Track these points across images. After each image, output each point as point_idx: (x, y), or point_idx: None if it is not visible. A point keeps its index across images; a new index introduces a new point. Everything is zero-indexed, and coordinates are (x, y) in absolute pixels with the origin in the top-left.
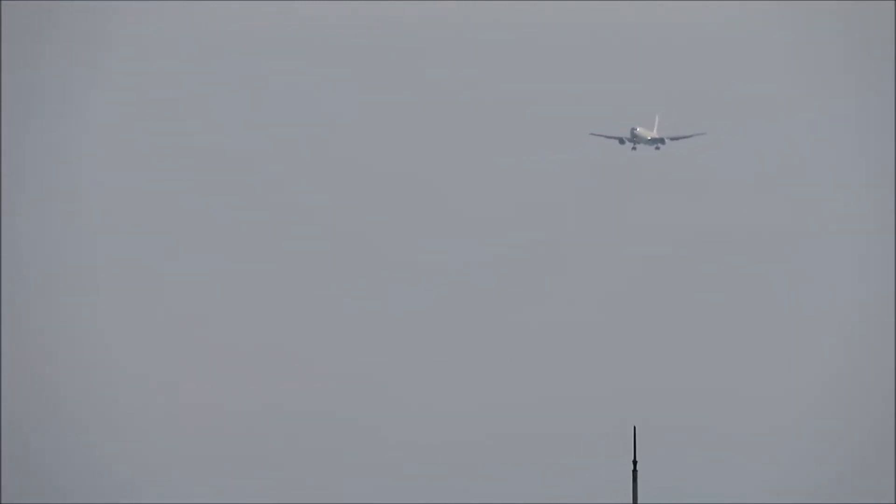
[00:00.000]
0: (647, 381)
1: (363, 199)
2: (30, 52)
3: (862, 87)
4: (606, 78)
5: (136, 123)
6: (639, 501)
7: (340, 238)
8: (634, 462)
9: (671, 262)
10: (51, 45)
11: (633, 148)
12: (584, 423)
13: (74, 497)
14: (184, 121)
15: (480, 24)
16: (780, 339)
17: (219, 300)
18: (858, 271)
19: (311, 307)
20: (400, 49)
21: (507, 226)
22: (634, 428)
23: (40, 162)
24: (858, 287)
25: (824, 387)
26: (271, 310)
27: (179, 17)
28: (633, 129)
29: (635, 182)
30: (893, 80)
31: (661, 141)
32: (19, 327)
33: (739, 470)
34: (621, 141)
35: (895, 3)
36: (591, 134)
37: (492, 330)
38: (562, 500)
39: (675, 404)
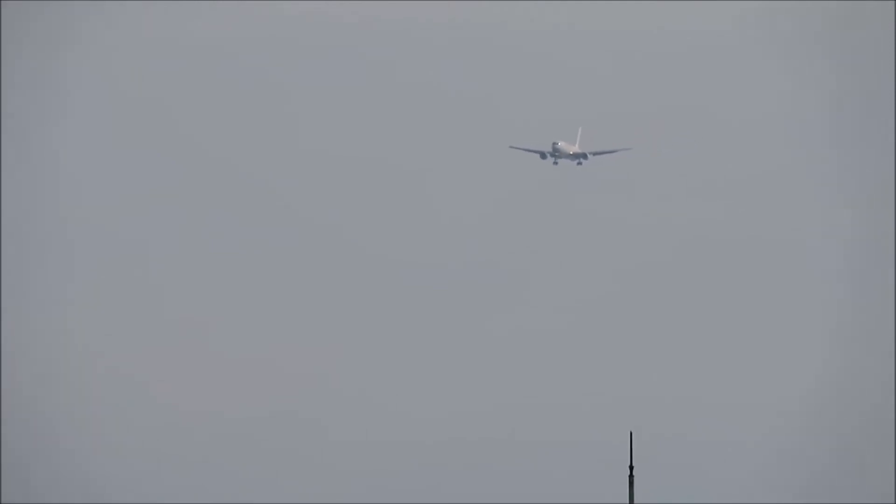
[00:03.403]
0: (628, 387)
1: (357, 201)
2: (29, 51)
3: (862, 87)
4: (595, 84)
5: (131, 124)
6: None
7: (326, 241)
8: (631, 467)
9: (650, 268)
10: (50, 44)
11: (555, 163)
12: (572, 429)
13: (70, 497)
14: (177, 122)
15: (472, 26)
16: (761, 344)
17: (209, 306)
18: (839, 277)
19: (296, 313)
20: (394, 49)
21: (485, 225)
22: (631, 434)
23: (35, 164)
24: (837, 292)
25: (806, 390)
26: (257, 315)
27: (176, 17)
28: (554, 144)
29: (605, 185)
30: (894, 80)
31: (584, 156)
32: (17, 334)
33: (724, 475)
34: (543, 155)
35: (895, 3)
36: (511, 147)
37: (474, 332)
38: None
39: (660, 411)
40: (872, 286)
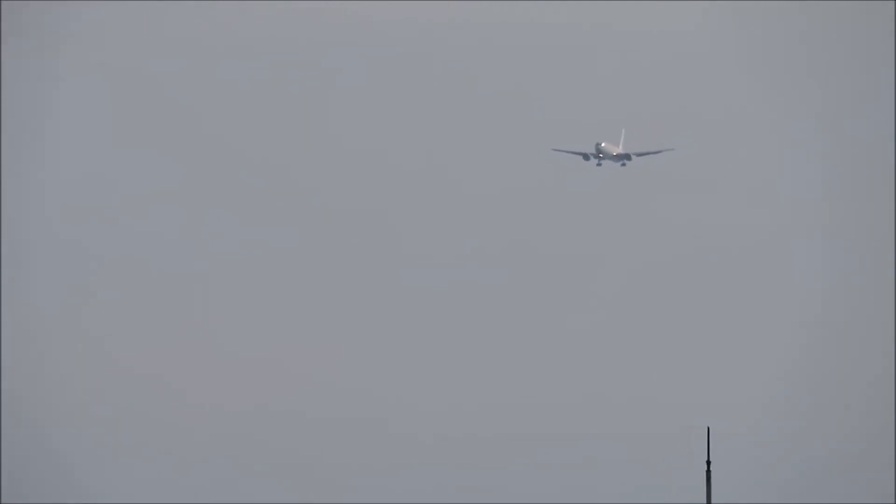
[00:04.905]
0: (631, 385)
1: (365, 196)
2: (30, 52)
3: (862, 88)
4: (604, 80)
5: (132, 124)
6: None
7: (343, 234)
8: (708, 462)
9: (657, 267)
10: (49, 44)
11: (599, 164)
12: (566, 425)
13: (72, 496)
14: (178, 122)
15: (472, 25)
16: (759, 343)
17: (219, 303)
18: (838, 274)
19: (303, 311)
20: (394, 49)
21: (487, 223)
22: (708, 429)
23: (37, 163)
24: (837, 289)
25: (806, 389)
26: (260, 314)
27: (176, 16)
28: (598, 145)
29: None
30: (894, 80)
31: (627, 157)
32: (19, 329)
33: (722, 474)
34: (586, 157)
35: (895, 3)
36: (554, 150)
37: (486, 330)
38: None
39: (662, 408)
40: (873, 284)
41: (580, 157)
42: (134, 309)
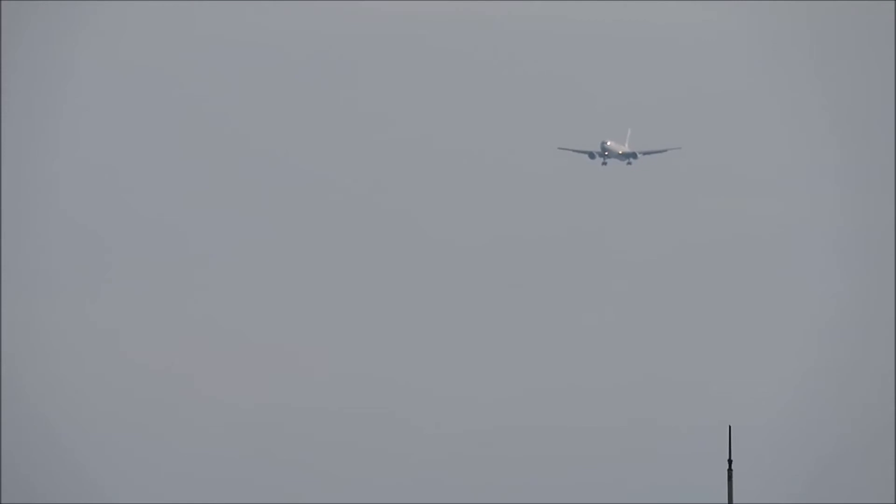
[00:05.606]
0: (634, 376)
1: (373, 191)
2: (39, 48)
3: (862, 88)
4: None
5: (148, 117)
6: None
7: (353, 230)
8: (729, 461)
9: (660, 264)
10: (61, 40)
11: (604, 163)
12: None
13: (74, 495)
14: (198, 115)
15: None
16: (762, 341)
17: (228, 297)
18: (840, 271)
19: (324, 302)
20: (393, 49)
21: (492, 218)
22: (730, 427)
23: (41, 162)
24: (837, 287)
25: (806, 387)
26: (288, 304)
27: (194, 14)
28: (603, 143)
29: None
30: (894, 80)
31: (633, 155)
32: (24, 324)
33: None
34: (591, 155)
35: (895, 3)
36: (560, 148)
37: (508, 320)
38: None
39: (662, 402)
40: (874, 282)
41: (586, 156)
42: (141, 303)
